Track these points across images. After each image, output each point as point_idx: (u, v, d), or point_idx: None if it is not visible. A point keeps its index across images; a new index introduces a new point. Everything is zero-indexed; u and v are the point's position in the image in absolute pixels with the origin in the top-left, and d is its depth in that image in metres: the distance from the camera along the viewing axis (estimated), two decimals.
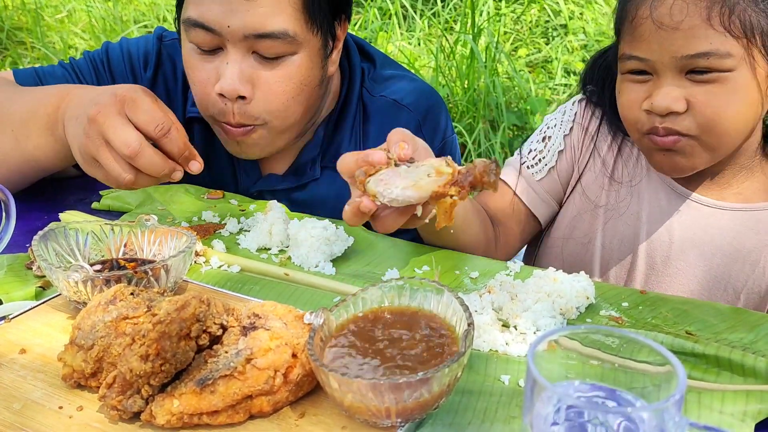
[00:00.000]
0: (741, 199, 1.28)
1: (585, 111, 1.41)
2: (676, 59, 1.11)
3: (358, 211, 0.97)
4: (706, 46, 1.09)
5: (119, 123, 1.07)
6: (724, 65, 1.10)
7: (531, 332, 0.98)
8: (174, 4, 1.37)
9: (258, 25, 1.22)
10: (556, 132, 1.42)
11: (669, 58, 1.11)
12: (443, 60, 3.87)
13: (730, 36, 1.08)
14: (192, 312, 0.81)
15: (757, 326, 1.01)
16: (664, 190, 1.32)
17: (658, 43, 1.11)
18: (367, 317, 0.89)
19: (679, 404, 0.64)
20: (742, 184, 1.28)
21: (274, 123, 1.32)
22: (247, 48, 1.25)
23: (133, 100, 1.09)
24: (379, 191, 0.94)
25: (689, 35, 1.09)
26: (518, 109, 3.70)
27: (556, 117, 1.44)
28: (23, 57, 4.45)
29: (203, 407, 0.79)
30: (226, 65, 1.25)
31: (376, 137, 1.46)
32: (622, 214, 1.36)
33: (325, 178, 1.47)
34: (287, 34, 1.24)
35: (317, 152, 1.44)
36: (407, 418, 0.79)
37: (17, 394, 0.84)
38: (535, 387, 0.66)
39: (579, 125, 1.40)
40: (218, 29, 1.23)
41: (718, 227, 1.29)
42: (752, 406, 0.85)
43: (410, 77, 1.54)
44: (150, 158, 1.08)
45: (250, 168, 1.48)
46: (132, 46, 1.49)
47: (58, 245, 1.04)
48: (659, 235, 1.33)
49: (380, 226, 1.01)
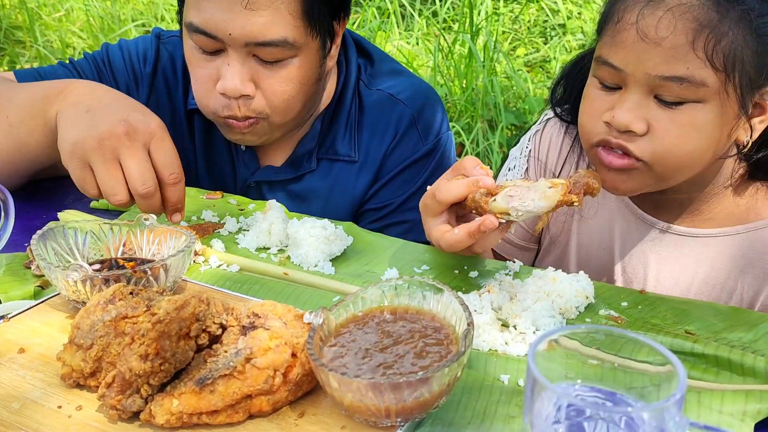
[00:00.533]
0: (713, 224, 1.24)
1: (540, 145, 1.38)
2: (649, 76, 1.05)
3: (477, 230, 1.01)
4: (683, 70, 1.03)
5: (143, 157, 1.10)
6: (695, 95, 1.04)
7: (530, 332, 0.98)
8: (172, 2, 1.37)
9: (258, 34, 1.25)
10: (514, 175, 1.40)
11: (642, 74, 1.05)
12: (441, 59, 3.87)
13: (710, 66, 1.02)
14: (191, 311, 0.81)
15: (756, 325, 1.01)
16: (635, 222, 1.29)
17: (636, 55, 1.05)
18: (366, 317, 0.89)
19: (679, 404, 0.64)
20: (713, 209, 1.24)
21: (275, 118, 1.35)
22: (247, 52, 1.28)
23: (162, 139, 1.12)
24: (512, 206, 1.01)
25: (669, 55, 1.03)
26: (516, 108, 3.70)
27: (516, 157, 1.41)
28: (21, 56, 4.44)
29: (203, 407, 0.79)
30: (228, 66, 1.28)
31: (372, 130, 1.47)
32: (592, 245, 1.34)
33: (321, 169, 1.49)
34: (287, 41, 1.27)
35: (314, 144, 1.46)
36: (407, 417, 0.79)
37: (16, 394, 0.84)
38: (535, 386, 0.66)
39: (535, 160, 1.39)
40: (220, 36, 1.25)
41: (692, 255, 1.25)
42: (751, 406, 0.86)
43: (407, 74, 1.56)
44: (155, 203, 1.12)
45: (248, 160, 1.50)
46: (131, 46, 1.51)
47: (57, 244, 1.03)
48: (633, 267, 1.30)
49: (481, 245, 1.05)
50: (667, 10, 1.03)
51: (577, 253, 1.36)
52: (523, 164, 1.39)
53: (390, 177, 1.48)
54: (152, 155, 1.11)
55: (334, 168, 1.48)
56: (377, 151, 1.47)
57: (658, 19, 1.03)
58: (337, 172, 1.48)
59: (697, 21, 1.02)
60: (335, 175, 1.48)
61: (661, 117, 1.06)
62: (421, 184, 1.48)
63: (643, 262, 1.29)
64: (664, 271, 1.27)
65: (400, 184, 1.48)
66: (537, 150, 1.38)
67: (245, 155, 1.50)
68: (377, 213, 1.49)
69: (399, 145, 1.47)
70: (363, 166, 1.48)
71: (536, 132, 1.39)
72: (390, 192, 1.48)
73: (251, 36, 1.24)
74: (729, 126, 1.09)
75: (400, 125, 1.47)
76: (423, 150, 1.48)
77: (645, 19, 1.04)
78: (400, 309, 0.90)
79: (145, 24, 4.57)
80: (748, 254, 1.22)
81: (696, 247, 1.25)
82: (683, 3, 1.03)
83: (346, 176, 1.48)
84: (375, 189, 1.49)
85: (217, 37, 1.25)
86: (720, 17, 1.02)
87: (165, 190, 1.13)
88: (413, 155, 1.47)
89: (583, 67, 1.26)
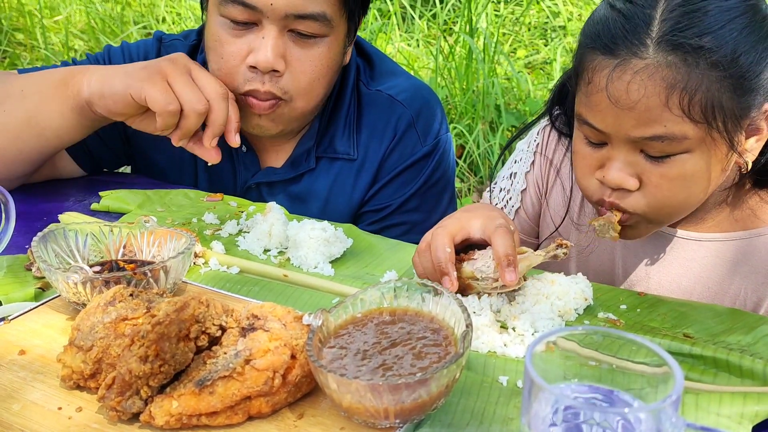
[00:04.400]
0: (716, 229, 1.23)
1: (549, 140, 1.37)
2: (630, 137, 1.04)
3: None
4: (661, 129, 1.01)
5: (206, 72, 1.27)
6: (680, 147, 1.03)
7: (529, 334, 0.99)
8: (173, 4, 1.38)
9: (300, 6, 1.27)
10: (520, 168, 1.39)
11: (623, 135, 1.04)
12: (442, 61, 3.88)
13: (689, 120, 1.01)
14: (191, 313, 0.82)
15: (755, 328, 1.01)
16: None
17: (612, 119, 1.04)
18: (365, 318, 0.89)
19: (676, 405, 0.64)
20: (717, 216, 1.23)
21: (298, 103, 1.36)
22: (284, 26, 1.29)
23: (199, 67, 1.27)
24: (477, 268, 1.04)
25: (644, 117, 1.01)
26: (517, 110, 3.70)
27: (523, 150, 1.41)
28: (23, 58, 4.44)
29: (202, 408, 0.79)
30: (262, 39, 1.29)
31: (370, 131, 1.48)
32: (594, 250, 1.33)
33: (320, 168, 1.49)
34: (325, 16, 1.29)
35: (312, 143, 1.47)
36: (406, 418, 0.79)
37: (16, 395, 0.84)
38: (532, 388, 0.66)
39: (541, 156, 1.37)
40: (260, 7, 1.26)
41: (695, 259, 1.25)
42: (749, 408, 0.86)
43: (406, 75, 1.57)
44: (226, 107, 1.24)
45: (249, 162, 1.50)
46: (132, 48, 1.53)
47: (57, 246, 1.04)
48: (635, 269, 1.29)
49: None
50: (635, 74, 1.01)
51: (577, 254, 1.36)
52: (530, 158, 1.39)
53: (389, 178, 1.48)
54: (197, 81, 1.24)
55: (333, 167, 1.48)
56: (376, 152, 1.47)
57: (627, 83, 1.02)
58: (337, 172, 1.49)
59: (666, 81, 1.00)
60: (334, 174, 1.49)
61: (651, 171, 1.06)
62: (420, 185, 1.49)
63: (645, 265, 1.28)
64: (666, 273, 1.27)
65: (399, 185, 1.48)
66: (544, 146, 1.37)
67: (246, 157, 1.50)
68: (376, 215, 1.49)
69: (398, 146, 1.47)
70: (362, 167, 1.48)
71: (545, 126, 1.38)
72: (389, 193, 1.48)
73: (292, 6, 1.26)
74: (721, 164, 1.08)
75: (399, 126, 1.47)
76: (422, 151, 1.48)
77: (614, 83, 1.03)
78: (399, 311, 0.90)
79: (146, 26, 4.58)
80: (750, 260, 1.22)
81: (699, 251, 1.24)
82: (649, 65, 1.01)
83: (345, 176, 1.48)
84: (374, 190, 1.49)
85: (257, 7, 1.26)
86: (690, 72, 1.00)
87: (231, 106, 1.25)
88: (412, 156, 1.48)
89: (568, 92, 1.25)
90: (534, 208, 1.39)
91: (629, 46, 1.02)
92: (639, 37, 1.02)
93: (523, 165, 1.39)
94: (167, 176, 1.54)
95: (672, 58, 1.00)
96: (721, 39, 1.00)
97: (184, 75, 1.22)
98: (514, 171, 1.41)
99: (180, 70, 1.23)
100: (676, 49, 1.00)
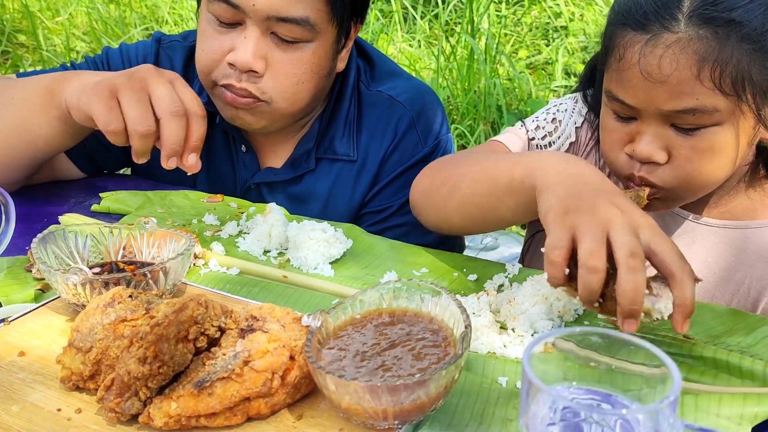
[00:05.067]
0: (729, 217, 1.25)
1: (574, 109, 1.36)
2: (661, 111, 1.06)
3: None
4: (693, 102, 1.04)
5: (170, 87, 1.13)
6: (710, 120, 1.06)
7: (528, 334, 0.98)
8: (174, 6, 1.38)
9: (282, 9, 1.26)
10: (567, 119, 1.35)
11: (654, 109, 1.07)
12: (443, 61, 3.88)
13: (720, 93, 1.03)
14: (190, 314, 0.82)
15: (755, 329, 1.00)
16: None
17: (644, 93, 1.06)
18: (364, 319, 0.89)
19: (673, 406, 0.64)
20: (729, 203, 1.25)
21: (280, 104, 1.35)
22: (266, 27, 1.28)
23: (184, 83, 1.16)
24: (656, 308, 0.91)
25: (676, 90, 1.04)
26: (519, 110, 3.71)
27: (568, 103, 1.37)
28: (24, 60, 4.45)
29: (201, 409, 0.79)
30: (244, 39, 1.28)
31: (371, 131, 1.48)
32: None
33: (320, 169, 1.49)
34: (308, 21, 1.28)
35: (312, 144, 1.47)
36: (404, 420, 0.79)
37: (16, 397, 0.84)
38: (530, 388, 0.66)
39: (589, 123, 1.35)
40: (243, 7, 1.26)
41: (703, 244, 1.26)
42: (749, 409, 0.85)
43: (406, 76, 1.56)
44: (179, 125, 1.11)
45: (249, 162, 1.51)
46: (131, 49, 1.53)
47: (57, 248, 1.04)
48: None
49: None
50: (667, 48, 1.03)
51: None
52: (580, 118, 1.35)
53: (389, 179, 1.48)
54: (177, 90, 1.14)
55: (334, 168, 1.48)
56: (376, 153, 1.47)
57: (659, 57, 1.04)
58: (337, 173, 1.49)
59: (697, 54, 1.02)
60: (335, 175, 1.49)
61: (681, 144, 1.08)
62: None
63: None
64: None
65: (400, 186, 1.48)
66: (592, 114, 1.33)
67: (245, 157, 1.50)
68: (377, 216, 1.49)
69: (398, 147, 1.47)
70: (362, 168, 1.48)
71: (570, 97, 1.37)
72: (389, 195, 1.48)
73: (275, 9, 1.25)
74: (748, 137, 1.10)
75: (399, 127, 1.47)
76: (423, 152, 1.48)
77: (646, 58, 1.05)
78: (398, 311, 0.90)
79: (147, 27, 4.58)
80: (758, 248, 1.24)
81: (708, 236, 1.26)
82: (681, 38, 1.03)
83: (345, 177, 1.48)
84: (374, 192, 1.49)
85: (240, 6, 1.25)
86: (720, 45, 1.02)
87: (191, 122, 1.13)
88: (413, 157, 1.48)
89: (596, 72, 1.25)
90: None
91: (661, 21, 1.05)
92: (670, 12, 1.04)
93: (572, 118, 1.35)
94: (167, 177, 1.54)
95: (703, 32, 1.03)
96: (751, 13, 1.03)
97: (136, 92, 1.12)
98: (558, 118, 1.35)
99: (133, 86, 1.12)
100: (707, 23, 1.03)
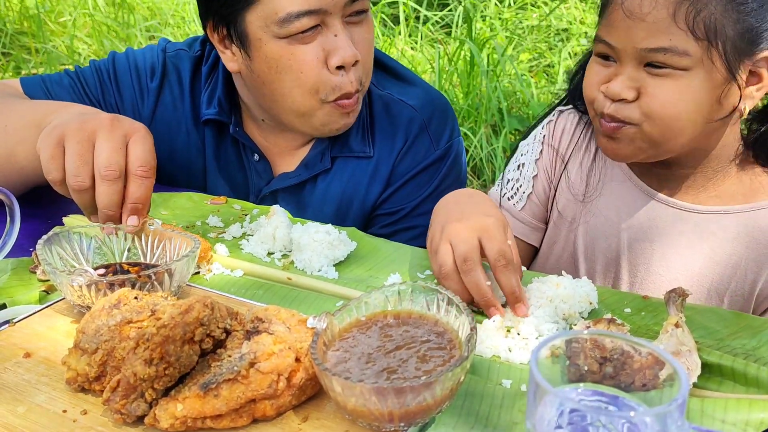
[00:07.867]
0: (719, 202, 1.29)
1: (554, 132, 1.44)
2: (637, 50, 1.15)
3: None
4: (666, 41, 1.12)
5: (118, 145, 1.06)
6: (680, 63, 1.13)
7: (533, 338, 0.98)
8: (177, 9, 1.37)
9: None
10: (528, 158, 1.46)
11: (631, 48, 1.15)
12: (445, 64, 3.88)
13: (692, 36, 1.11)
14: (196, 316, 0.82)
15: (760, 332, 1.00)
16: (640, 197, 1.33)
17: (624, 31, 1.16)
18: (370, 321, 0.89)
19: (681, 408, 0.64)
20: (718, 187, 1.29)
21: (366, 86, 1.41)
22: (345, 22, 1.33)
23: (144, 137, 1.09)
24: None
25: (653, 28, 1.13)
26: (520, 113, 3.70)
27: (529, 143, 1.47)
28: (27, 62, 4.45)
29: (207, 411, 0.79)
30: (335, 38, 1.31)
31: (383, 134, 1.49)
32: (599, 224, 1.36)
33: (336, 169, 1.49)
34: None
35: (326, 145, 1.48)
36: (410, 422, 0.79)
37: (21, 398, 0.84)
38: (537, 391, 0.66)
39: (548, 146, 1.44)
40: (324, 6, 1.28)
41: (696, 232, 1.29)
42: (755, 415, 0.85)
43: (418, 81, 1.58)
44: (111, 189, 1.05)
45: (262, 170, 1.51)
46: (138, 57, 1.52)
47: (62, 249, 1.04)
48: (640, 242, 1.33)
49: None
50: None
51: (584, 234, 1.38)
52: (538, 147, 1.45)
53: (402, 182, 1.49)
54: (129, 147, 1.07)
55: (348, 167, 1.48)
56: (389, 155, 1.48)
57: None
58: (351, 172, 1.49)
59: None
60: (349, 175, 1.49)
61: (650, 83, 1.17)
62: (433, 189, 1.49)
63: (649, 237, 1.32)
64: (670, 245, 1.31)
65: (412, 189, 1.49)
66: (551, 136, 1.44)
67: (259, 165, 1.50)
68: (389, 218, 1.50)
69: (410, 150, 1.48)
70: (377, 168, 1.48)
71: (549, 121, 1.46)
72: (402, 197, 1.49)
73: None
74: (717, 91, 1.16)
75: (410, 130, 1.48)
76: (435, 155, 1.49)
77: None
78: (403, 314, 0.90)
79: (150, 29, 4.59)
80: (752, 233, 1.27)
81: (701, 223, 1.29)
82: None
83: (360, 176, 1.48)
84: (387, 194, 1.49)
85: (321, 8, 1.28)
86: None
87: (129, 183, 1.06)
88: (425, 160, 1.48)
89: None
90: (545, 193, 1.45)
91: None
92: None
93: (532, 154, 1.45)
94: (177, 185, 1.54)
95: None
96: None
97: (81, 144, 1.06)
98: (521, 162, 1.46)
99: (80, 137, 1.06)
100: None
